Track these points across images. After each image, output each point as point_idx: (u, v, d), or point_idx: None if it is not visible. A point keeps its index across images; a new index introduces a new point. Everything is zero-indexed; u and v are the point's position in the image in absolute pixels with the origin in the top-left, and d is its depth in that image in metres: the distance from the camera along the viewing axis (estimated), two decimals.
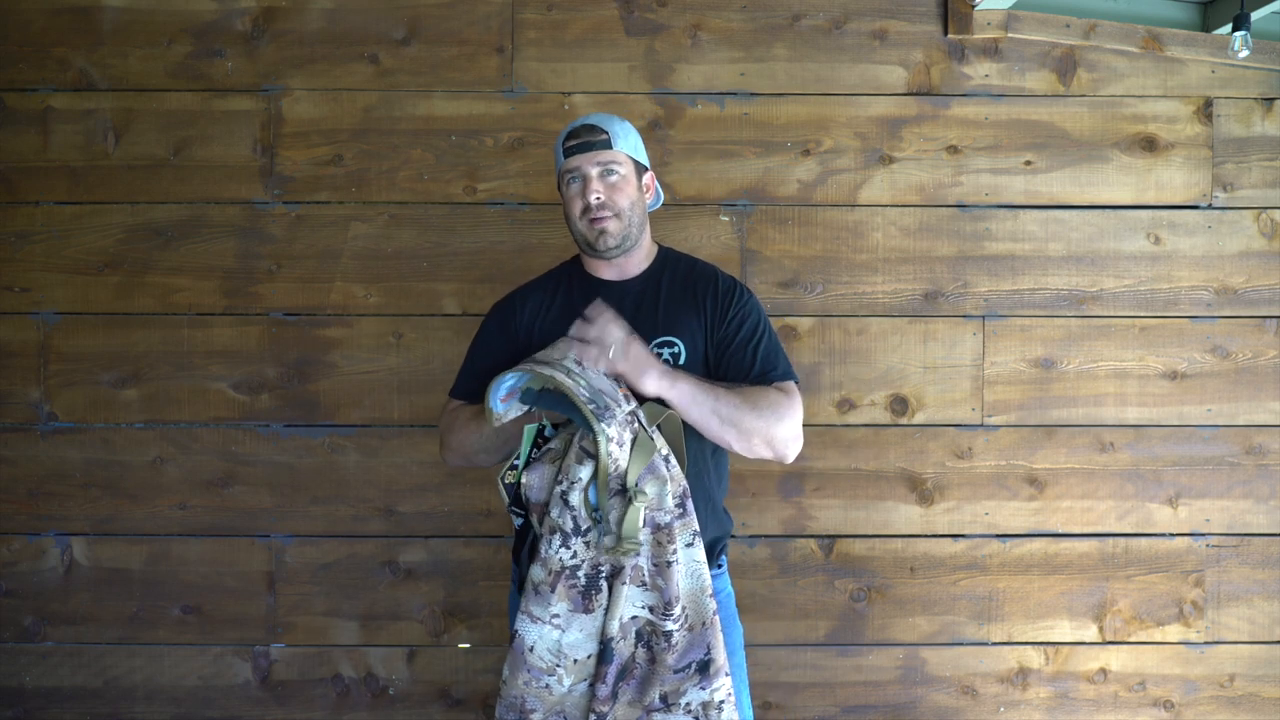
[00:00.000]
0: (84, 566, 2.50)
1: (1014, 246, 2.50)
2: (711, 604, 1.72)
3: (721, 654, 1.72)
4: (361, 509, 2.50)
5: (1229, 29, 2.31)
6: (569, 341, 1.78)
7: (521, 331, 1.91)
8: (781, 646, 2.52)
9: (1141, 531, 2.52)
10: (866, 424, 2.50)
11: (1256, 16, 2.28)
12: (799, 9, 2.49)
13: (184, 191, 2.48)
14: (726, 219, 2.49)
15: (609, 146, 1.85)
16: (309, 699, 2.52)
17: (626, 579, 1.69)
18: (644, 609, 1.71)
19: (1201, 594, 2.53)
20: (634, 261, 1.92)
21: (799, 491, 2.50)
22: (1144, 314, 2.51)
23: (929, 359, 2.50)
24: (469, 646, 2.52)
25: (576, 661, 1.71)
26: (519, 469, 1.76)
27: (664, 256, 1.97)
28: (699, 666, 1.70)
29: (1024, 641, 2.53)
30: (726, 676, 1.72)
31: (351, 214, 2.48)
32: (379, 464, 2.49)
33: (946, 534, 2.51)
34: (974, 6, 2.44)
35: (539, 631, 1.70)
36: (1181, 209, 2.51)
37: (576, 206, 1.87)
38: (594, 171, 1.85)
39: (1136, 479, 2.51)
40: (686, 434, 1.80)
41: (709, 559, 1.85)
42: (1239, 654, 2.53)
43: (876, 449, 2.51)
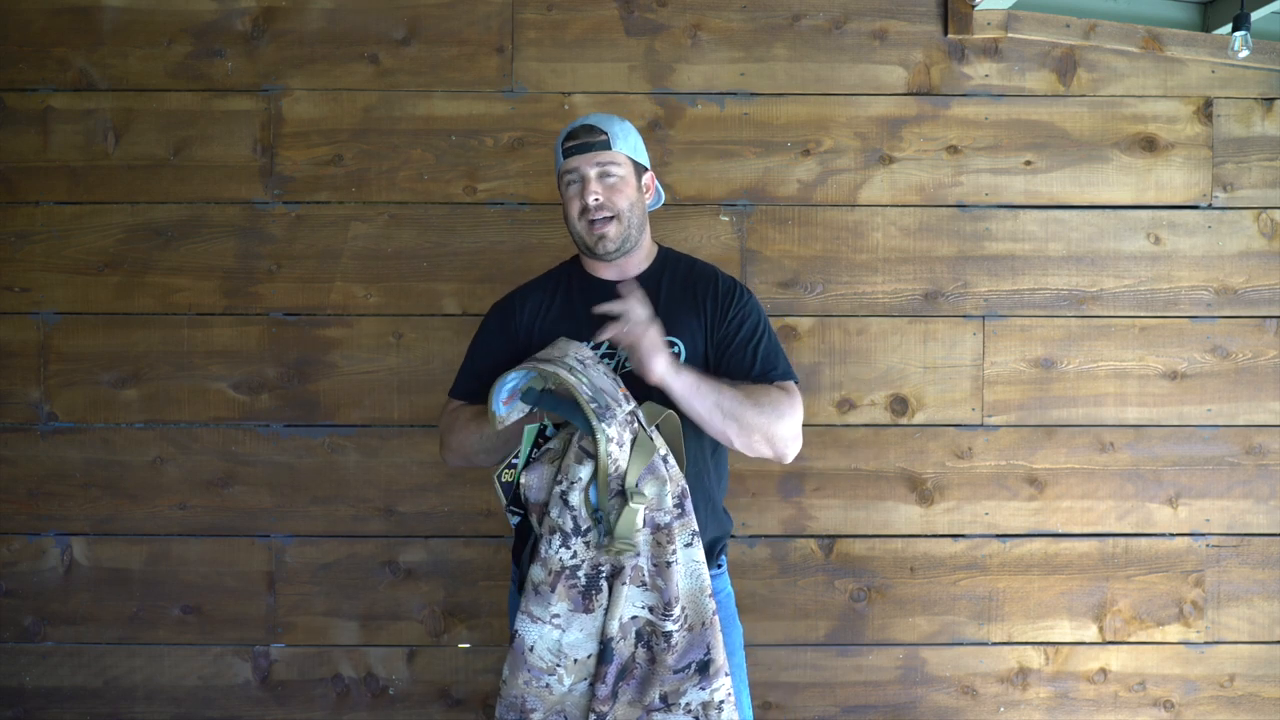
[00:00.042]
0: (84, 566, 2.50)
1: (1014, 246, 2.50)
2: (711, 604, 1.72)
3: (721, 654, 1.72)
4: (361, 509, 2.50)
5: (1229, 29, 2.31)
6: (569, 341, 1.80)
7: (521, 331, 1.91)
8: (781, 646, 2.52)
9: (1141, 531, 2.52)
10: (866, 424, 2.50)
11: (1256, 16, 2.28)
12: (799, 9, 2.49)
13: (184, 191, 2.48)
14: (726, 219, 2.49)
15: (608, 147, 1.85)
16: (309, 699, 2.52)
17: (626, 579, 1.69)
18: (644, 609, 1.71)
19: (1201, 594, 2.53)
20: (634, 262, 1.92)
21: (799, 491, 2.50)
22: (1144, 314, 2.51)
23: (929, 359, 2.50)
24: (469, 646, 2.52)
25: (576, 661, 1.71)
26: (517, 467, 1.76)
27: (664, 257, 1.97)
28: (699, 667, 1.70)
29: (1024, 641, 2.53)
30: (726, 676, 1.72)
31: (351, 214, 2.48)
32: (379, 464, 2.49)
33: (946, 534, 2.51)
34: (974, 6, 2.44)
35: (539, 631, 1.70)
36: (1181, 209, 2.51)
37: (575, 207, 1.87)
38: (592, 173, 1.85)
39: (1136, 479, 2.51)
40: (686, 434, 1.80)
41: (709, 559, 1.85)
42: (1239, 654, 2.53)
43: (876, 449, 2.51)
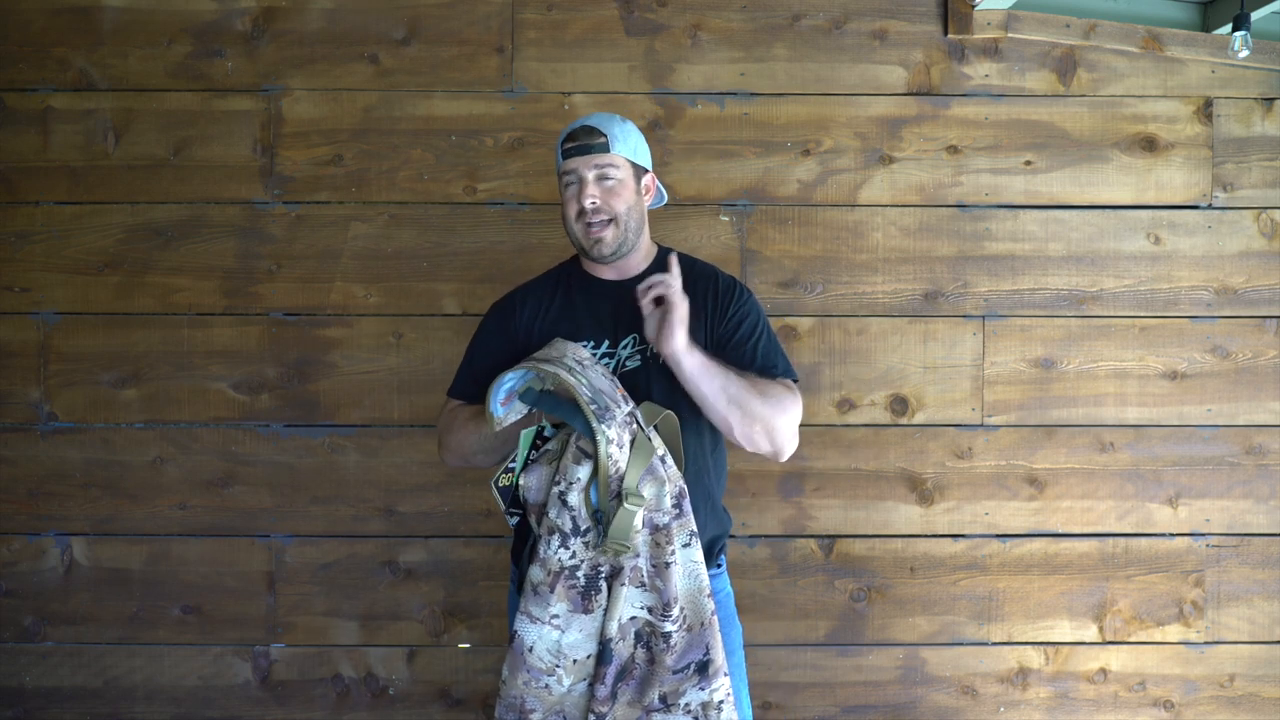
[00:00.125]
0: (84, 566, 2.50)
1: (1014, 246, 2.50)
2: (710, 604, 1.72)
3: (720, 654, 1.72)
4: (361, 509, 2.50)
5: (1229, 29, 2.31)
6: (565, 341, 1.81)
7: (520, 331, 1.91)
8: (781, 646, 2.52)
9: (1141, 531, 2.52)
10: (866, 424, 2.50)
11: (1256, 16, 2.28)
12: (799, 9, 2.49)
13: (184, 191, 2.48)
14: (726, 219, 2.49)
15: (606, 150, 1.84)
16: (309, 699, 2.52)
17: (626, 579, 1.69)
18: (643, 609, 1.71)
19: (1201, 594, 2.52)
20: (633, 262, 1.92)
21: (799, 491, 2.50)
22: (1144, 314, 2.51)
23: (929, 359, 2.50)
24: (469, 646, 2.52)
25: (576, 662, 1.71)
26: (514, 471, 1.76)
27: (663, 257, 1.96)
28: (698, 667, 1.70)
29: (1024, 641, 2.53)
30: (725, 677, 1.72)
31: (351, 214, 2.48)
32: (379, 464, 2.49)
33: (946, 534, 2.51)
34: (974, 6, 2.44)
35: (538, 632, 1.70)
36: (1181, 209, 2.51)
37: (572, 209, 1.86)
38: (590, 175, 1.84)
39: (1136, 479, 2.51)
40: (686, 432, 1.81)
41: (708, 558, 1.85)
42: (1239, 654, 2.53)
43: (876, 449, 2.51)
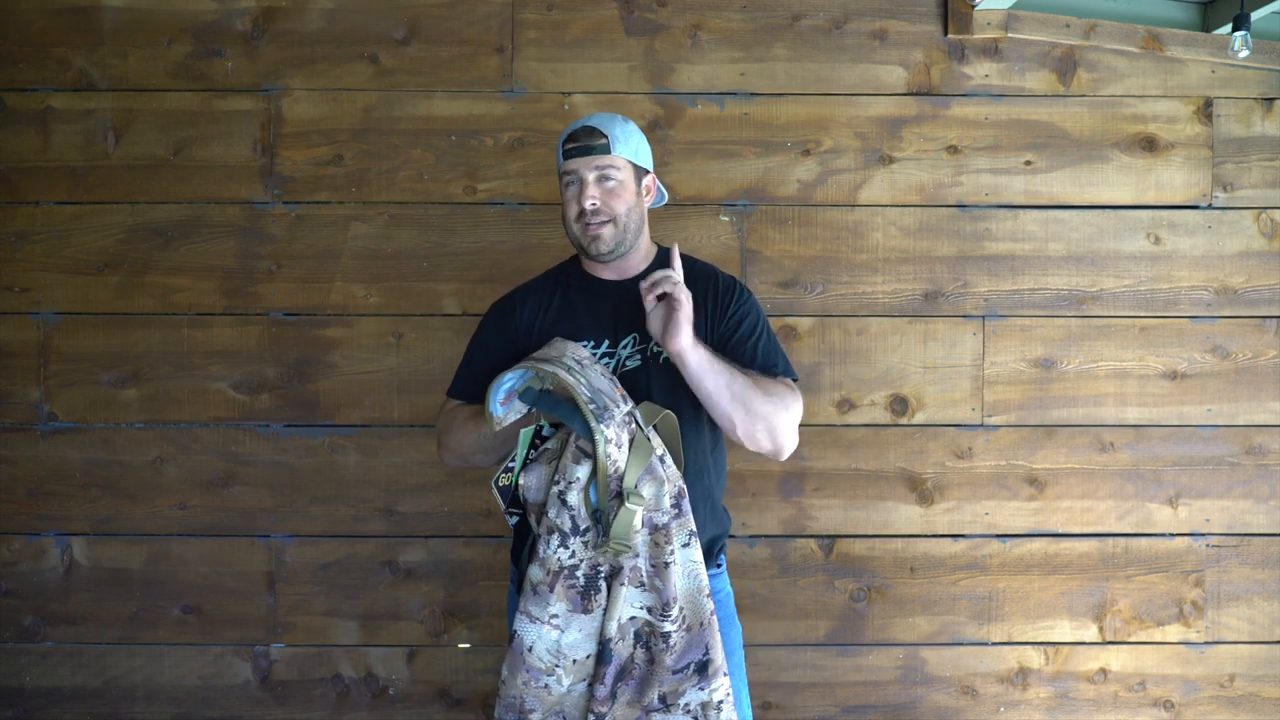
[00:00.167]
0: (84, 566, 2.50)
1: (1014, 246, 2.50)
2: (709, 604, 1.72)
3: (720, 654, 1.72)
4: (361, 509, 2.50)
5: (1229, 29, 2.31)
6: (565, 340, 1.81)
7: (520, 331, 1.91)
8: (781, 646, 2.52)
9: (1141, 531, 2.52)
10: (866, 424, 2.50)
11: (1256, 16, 2.28)
12: (799, 9, 2.49)
13: (184, 191, 2.48)
14: (726, 219, 2.49)
15: (607, 151, 1.84)
16: (309, 699, 2.52)
17: (625, 579, 1.69)
18: (642, 609, 1.71)
19: (1201, 594, 2.52)
20: (632, 262, 1.92)
21: (799, 491, 2.50)
22: (1144, 314, 2.51)
23: (929, 359, 2.50)
24: (469, 646, 2.52)
25: (575, 662, 1.71)
26: (514, 471, 1.76)
27: (663, 257, 1.96)
28: (697, 667, 1.70)
29: (1024, 641, 2.53)
30: (725, 677, 1.72)
31: (351, 214, 2.48)
32: (379, 464, 2.49)
33: (946, 534, 2.51)
34: (974, 6, 2.44)
35: (538, 632, 1.70)
36: (1181, 209, 2.51)
37: (572, 210, 1.86)
38: (591, 176, 1.84)
39: (1136, 479, 2.51)
40: (686, 431, 1.81)
41: (708, 558, 1.85)
42: (1239, 654, 2.53)
43: (876, 449, 2.51)
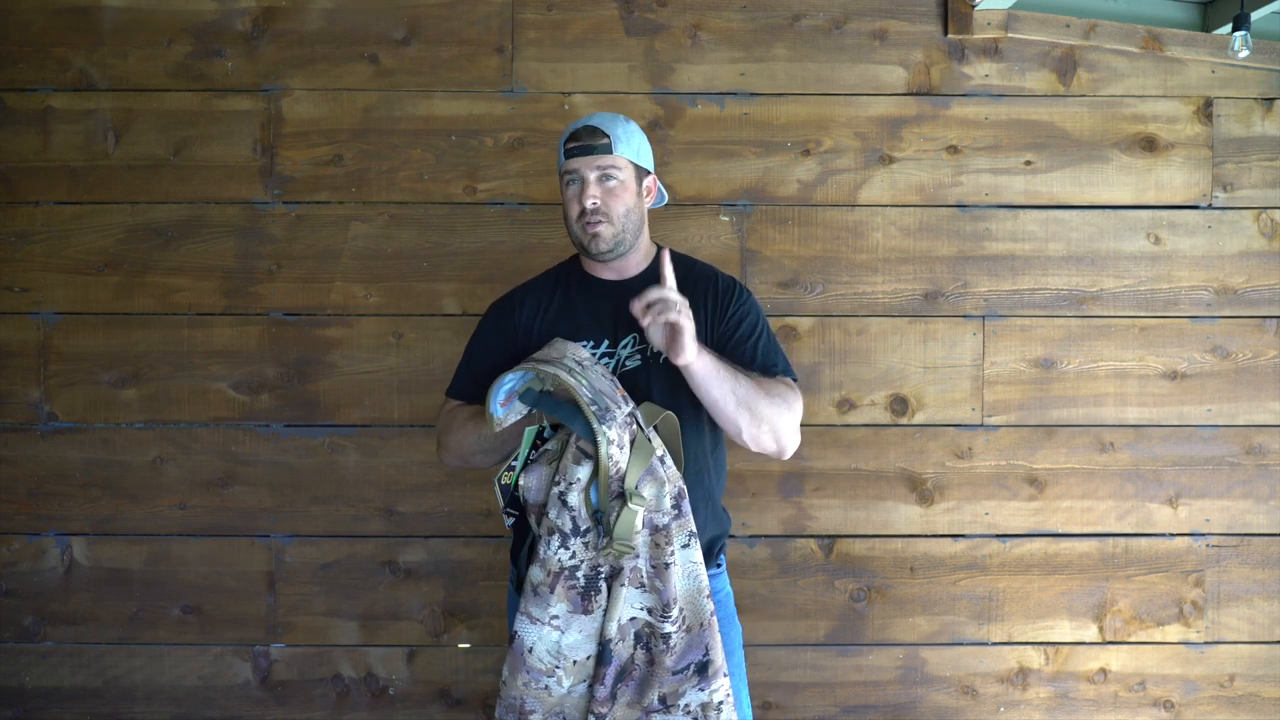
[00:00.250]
0: (84, 566, 2.50)
1: (1014, 246, 2.50)
2: (709, 605, 1.72)
3: (720, 655, 1.72)
4: (361, 509, 2.50)
5: (1229, 29, 2.30)
6: (565, 341, 1.81)
7: (520, 331, 1.91)
8: (781, 646, 2.52)
9: (1141, 531, 2.52)
10: (866, 424, 2.50)
11: (1256, 16, 2.27)
12: (799, 9, 2.49)
13: (184, 191, 2.47)
14: (726, 219, 2.49)
15: (609, 151, 1.84)
16: (309, 699, 2.52)
17: (625, 580, 1.69)
18: (642, 610, 1.71)
19: (1201, 594, 2.52)
20: (632, 262, 1.92)
21: (799, 491, 2.50)
22: (1144, 314, 2.51)
23: (929, 359, 2.50)
24: (469, 646, 2.52)
25: (575, 663, 1.71)
26: (516, 470, 1.76)
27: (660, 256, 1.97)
28: (697, 668, 1.70)
29: (1024, 641, 2.53)
30: (725, 677, 1.72)
31: (351, 214, 2.48)
32: (379, 464, 2.49)
33: (946, 534, 2.51)
34: (974, 6, 2.44)
35: (538, 633, 1.70)
36: (1181, 209, 2.51)
37: (573, 209, 1.87)
38: (592, 176, 1.84)
39: (1136, 479, 2.51)
40: (687, 431, 1.81)
41: (708, 558, 1.85)
42: (1239, 654, 2.53)
43: (876, 449, 2.51)
